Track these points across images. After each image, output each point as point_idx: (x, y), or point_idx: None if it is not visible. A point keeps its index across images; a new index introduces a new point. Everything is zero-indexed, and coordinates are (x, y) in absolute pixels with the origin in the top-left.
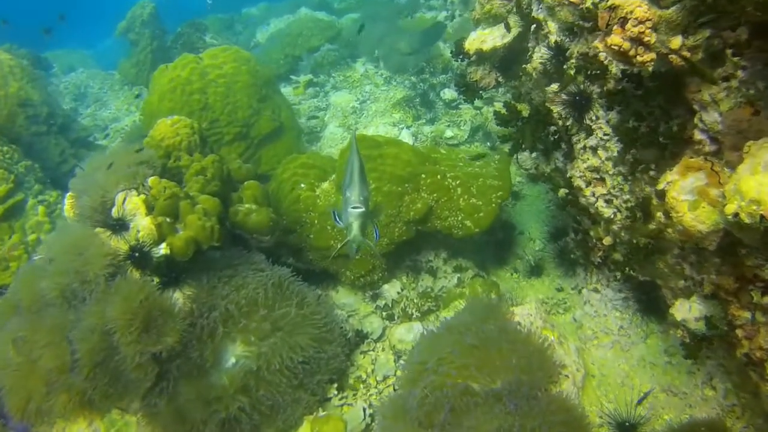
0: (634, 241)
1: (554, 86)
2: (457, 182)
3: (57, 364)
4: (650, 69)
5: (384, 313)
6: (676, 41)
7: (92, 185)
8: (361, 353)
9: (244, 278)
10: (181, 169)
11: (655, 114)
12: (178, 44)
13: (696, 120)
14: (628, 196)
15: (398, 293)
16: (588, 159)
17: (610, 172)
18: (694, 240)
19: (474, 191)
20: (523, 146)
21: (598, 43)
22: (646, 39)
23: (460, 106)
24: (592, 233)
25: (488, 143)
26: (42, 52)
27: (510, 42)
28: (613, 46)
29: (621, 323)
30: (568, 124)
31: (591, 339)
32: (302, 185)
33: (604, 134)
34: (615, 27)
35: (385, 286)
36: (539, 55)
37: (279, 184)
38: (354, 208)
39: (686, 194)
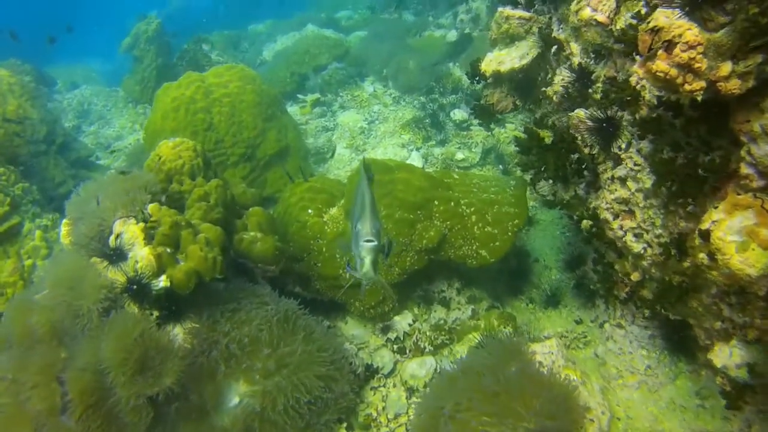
0: (667, 279)
1: (579, 112)
2: (472, 209)
3: (46, 405)
4: (699, 98)
5: (395, 347)
6: (726, 67)
7: (89, 212)
8: (371, 389)
9: (248, 313)
10: (183, 195)
11: (693, 144)
12: (183, 61)
13: (743, 152)
14: (660, 231)
15: (410, 325)
16: (616, 190)
17: (641, 205)
18: (742, 284)
19: (489, 219)
20: (545, 175)
21: (637, 68)
22: (697, 65)
23: (471, 127)
24: (617, 267)
25: (501, 166)
26: (46, 66)
27: (528, 63)
28: (658, 73)
29: (648, 362)
30: (594, 152)
31: (615, 378)
32: (310, 211)
33: (635, 164)
34: (659, 51)
35: (396, 318)
36: (560, 78)
37: (285, 209)
38: (366, 241)
39: (734, 235)
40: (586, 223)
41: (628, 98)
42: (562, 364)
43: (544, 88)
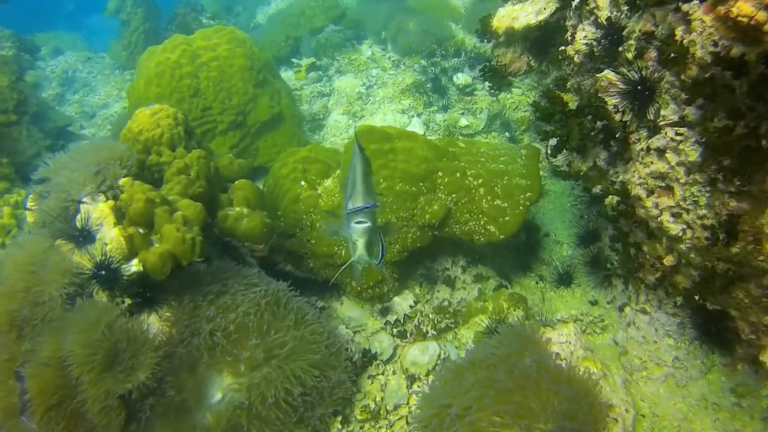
0: (709, 266)
1: (608, 73)
2: (479, 181)
3: (3, 405)
4: None
5: (395, 330)
6: None
7: (54, 187)
8: (368, 377)
9: (234, 296)
10: (163, 167)
11: (758, 111)
12: (173, 26)
13: None
14: (704, 212)
15: (411, 307)
16: (652, 163)
17: (681, 181)
18: None
19: (499, 192)
20: (569, 146)
21: (701, 15)
22: None
23: (474, 92)
24: (646, 249)
25: (507, 133)
26: (32, 33)
27: (546, 19)
28: (739, 18)
29: (676, 353)
30: (626, 119)
31: (639, 370)
32: (302, 183)
33: (677, 134)
34: None
35: (396, 299)
36: (583, 35)
37: (276, 180)
38: (358, 222)
39: None
40: (611, 200)
41: (673, 56)
42: (581, 355)
43: (563, 47)
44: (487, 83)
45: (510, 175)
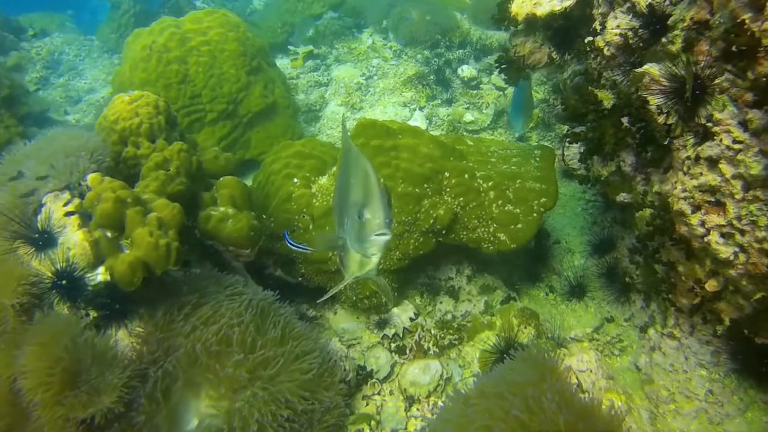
0: (765, 297)
1: (651, 67)
2: (490, 183)
3: None
4: None
5: (393, 345)
6: None
7: (16, 181)
8: (363, 398)
9: (215, 308)
10: (141, 161)
11: None
12: (165, 9)
13: None
14: (765, 234)
15: (411, 320)
16: (701, 174)
17: (737, 197)
18: None
19: (510, 196)
20: (603, 150)
21: None
22: None
23: (480, 85)
24: (682, 269)
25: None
26: (19, 14)
27: (573, 5)
28: None
29: (709, 386)
30: (671, 122)
31: (666, 402)
32: (295, 180)
33: (734, 141)
34: None
35: (395, 310)
36: (616, 24)
37: (267, 176)
38: (379, 235)
39: None
40: (644, 213)
41: (737, 49)
42: (603, 385)
43: (590, 38)
44: (492, 77)
45: (523, 178)
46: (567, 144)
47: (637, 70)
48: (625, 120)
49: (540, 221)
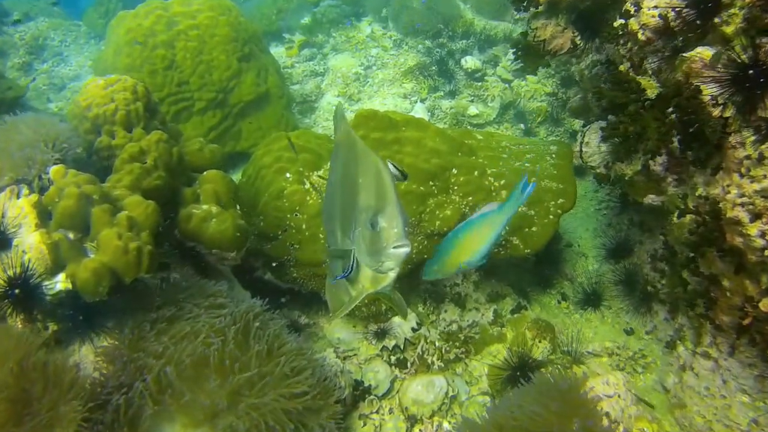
0: None
1: (704, 50)
2: (501, 182)
3: None
4: None
5: (393, 358)
6: None
7: None
8: (360, 417)
9: (193, 322)
10: (115, 152)
11: None
12: None
13: None
14: None
15: (413, 330)
16: (765, 177)
17: None
18: None
19: None
20: (646, 146)
21: None
22: None
23: (485, 77)
24: (727, 284)
25: (522, 125)
26: None
27: None
28: None
29: (753, 414)
30: (727, 115)
31: (702, 431)
32: (288, 175)
33: None
34: None
35: (396, 319)
36: (654, 3)
37: (258, 170)
38: (397, 247)
39: None
40: (686, 220)
41: None
42: (634, 413)
43: (622, 20)
44: (498, 69)
45: (538, 177)
46: (585, 140)
47: (685, 54)
48: (670, 112)
49: (557, 224)
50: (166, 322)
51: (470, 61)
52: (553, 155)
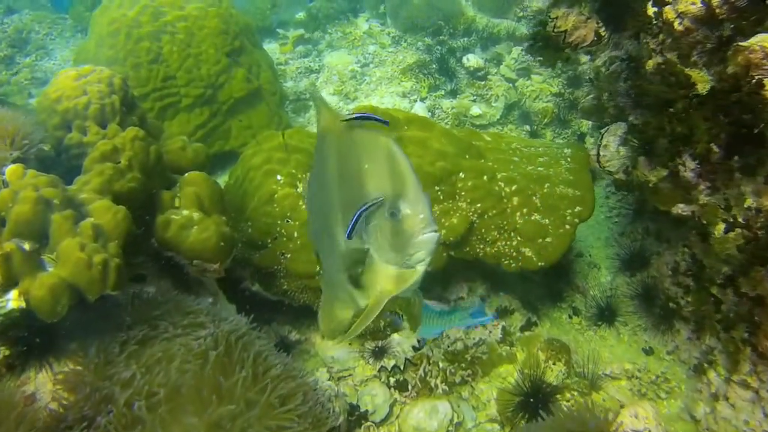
0: None
1: (764, 37)
2: (513, 188)
3: None
4: None
5: (392, 380)
6: None
7: None
8: None
9: (167, 345)
10: (86, 150)
11: None
12: None
13: None
14: None
15: (415, 349)
16: None
17: None
18: None
19: (538, 203)
20: (697, 150)
21: None
22: None
23: (488, 76)
24: None
25: (527, 126)
26: None
27: None
28: None
29: None
30: None
31: None
32: (279, 177)
33: None
34: None
35: (395, 336)
36: None
37: (246, 172)
38: (427, 233)
39: None
40: (733, 235)
41: None
42: None
43: (656, 9)
44: (501, 68)
45: (552, 182)
46: (603, 143)
47: (742, 43)
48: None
49: (573, 235)
50: (137, 343)
51: (472, 60)
52: (568, 159)
